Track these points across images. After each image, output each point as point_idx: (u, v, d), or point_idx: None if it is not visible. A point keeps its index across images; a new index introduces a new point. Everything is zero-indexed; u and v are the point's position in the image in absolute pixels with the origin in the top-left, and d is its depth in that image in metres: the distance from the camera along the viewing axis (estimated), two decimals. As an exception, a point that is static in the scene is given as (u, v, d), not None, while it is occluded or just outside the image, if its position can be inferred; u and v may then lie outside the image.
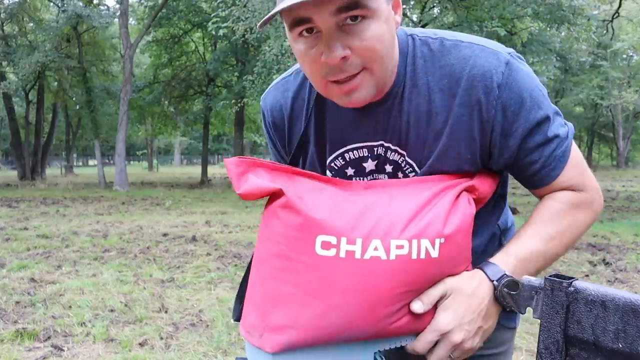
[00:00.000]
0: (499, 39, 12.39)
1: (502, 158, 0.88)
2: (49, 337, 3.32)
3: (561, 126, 0.88)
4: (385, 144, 0.91)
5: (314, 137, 0.96)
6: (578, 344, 0.56)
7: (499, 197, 1.00)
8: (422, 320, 0.81)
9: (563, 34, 14.97)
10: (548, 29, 13.61)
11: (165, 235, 7.29)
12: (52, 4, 22.25)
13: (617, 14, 16.92)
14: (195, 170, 32.12)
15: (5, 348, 3.13)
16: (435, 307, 0.82)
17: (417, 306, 0.80)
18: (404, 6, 14.04)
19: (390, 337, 0.82)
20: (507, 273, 0.82)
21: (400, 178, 0.93)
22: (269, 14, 0.76)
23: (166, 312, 3.86)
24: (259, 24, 0.80)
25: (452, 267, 0.83)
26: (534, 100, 0.84)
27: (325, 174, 0.98)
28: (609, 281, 4.68)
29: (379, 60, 0.79)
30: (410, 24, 14.78)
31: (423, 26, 12.59)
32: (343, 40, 0.76)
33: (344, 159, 0.95)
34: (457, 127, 0.85)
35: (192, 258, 5.73)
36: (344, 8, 0.74)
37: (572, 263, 5.41)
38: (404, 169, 0.92)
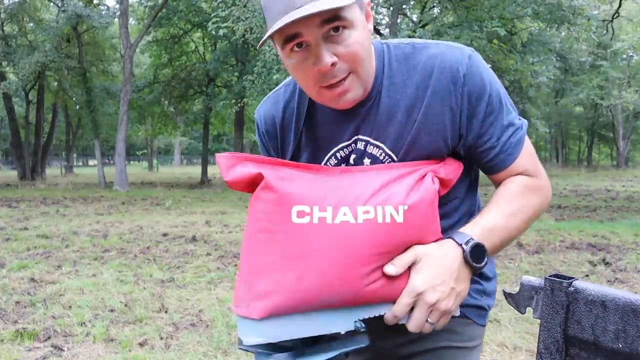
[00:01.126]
0: (499, 39, 12.40)
1: (467, 139, 0.99)
2: (49, 337, 3.32)
3: (516, 118, 1.01)
4: (366, 138, 1.01)
5: (307, 142, 1.07)
6: (578, 344, 0.56)
7: (470, 187, 1.09)
8: (397, 286, 0.88)
9: (563, 34, 14.98)
10: (548, 29, 13.61)
11: (165, 235, 7.29)
12: (52, 4, 22.26)
13: (617, 14, 16.93)
14: (195, 170, 32.13)
15: (5, 348, 3.13)
16: (409, 274, 0.89)
17: (390, 269, 0.87)
18: (404, 6, 14.04)
19: (368, 305, 0.89)
20: (473, 238, 0.90)
21: None
22: (266, 36, 0.88)
23: (166, 312, 3.86)
24: (258, 45, 0.94)
25: (420, 235, 0.91)
26: (493, 89, 0.97)
27: None
28: (609, 281, 4.68)
29: (361, 62, 0.92)
30: (411, 24, 14.79)
31: (423, 26, 12.59)
32: (330, 49, 0.89)
33: (335, 157, 1.05)
34: (429, 114, 0.97)
35: (192, 258, 5.73)
36: (326, 20, 0.86)
37: (572, 263, 5.41)
38: (383, 161, 1.00)
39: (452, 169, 1.00)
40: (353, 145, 1.02)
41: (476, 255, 0.90)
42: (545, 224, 8.16)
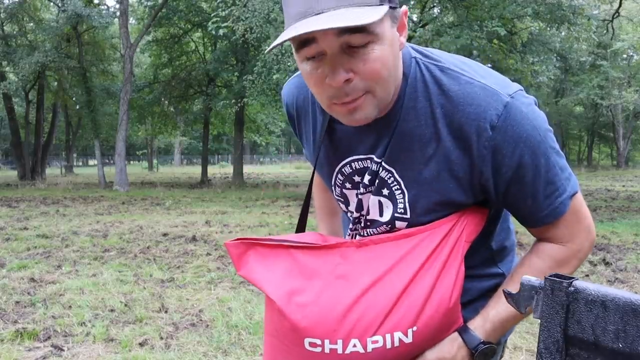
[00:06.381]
0: (499, 39, 12.40)
1: (496, 193, 0.90)
2: (49, 337, 3.32)
3: (561, 175, 0.89)
4: (379, 161, 0.95)
5: (327, 142, 1.02)
6: (578, 344, 0.56)
7: (488, 224, 1.01)
8: None
9: (563, 33, 14.97)
10: (548, 28, 13.61)
11: (165, 235, 7.29)
12: (52, 3, 22.26)
13: (617, 14, 16.92)
14: (195, 170, 32.12)
15: (5, 348, 3.13)
16: None
17: None
18: (404, 6, 14.03)
19: None
20: (483, 341, 0.92)
21: (385, 195, 0.96)
22: (276, 42, 0.78)
23: (166, 312, 3.86)
24: (266, 51, 0.92)
25: (429, 344, 0.93)
26: (529, 145, 0.85)
27: (332, 175, 1.05)
28: (609, 281, 4.68)
29: (381, 82, 0.82)
30: (410, 24, 14.78)
31: (423, 26, 12.59)
32: (346, 63, 0.79)
33: (351, 167, 1.00)
34: (445, 157, 0.88)
35: (192, 258, 5.73)
36: (348, 30, 0.76)
37: (572, 263, 5.41)
38: (391, 185, 0.95)
39: (472, 229, 0.95)
40: (368, 161, 0.97)
41: (485, 356, 0.93)
42: (545, 224, 8.16)
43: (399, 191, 0.94)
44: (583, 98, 27.11)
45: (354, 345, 0.88)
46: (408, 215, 0.94)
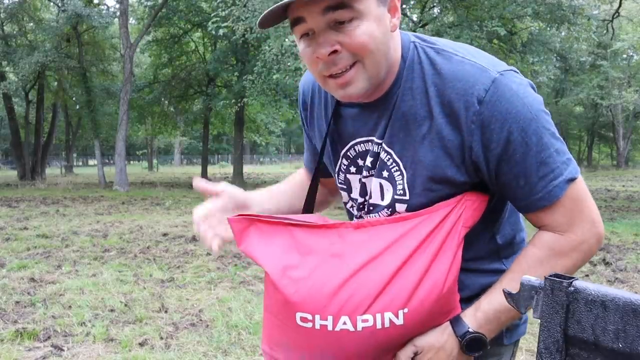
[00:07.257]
0: (499, 39, 12.40)
1: (488, 172, 0.90)
2: (49, 337, 3.32)
3: (557, 155, 0.87)
4: (379, 141, 0.98)
5: (333, 127, 1.06)
6: (578, 344, 0.56)
7: (490, 213, 0.99)
8: None
9: (563, 33, 14.98)
10: (548, 28, 13.61)
11: (165, 235, 7.29)
12: (52, 3, 22.26)
13: (617, 14, 16.92)
14: (195, 170, 32.11)
15: (5, 348, 3.13)
16: None
17: None
18: (404, 6, 14.03)
19: None
20: (470, 330, 0.91)
21: (385, 178, 0.98)
22: (268, 10, 0.85)
23: (166, 312, 3.86)
24: (258, 23, 0.91)
25: (421, 330, 0.93)
26: (518, 122, 0.85)
27: (337, 161, 1.08)
28: (609, 281, 4.68)
29: (369, 54, 0.86)
30: (410, 24, 14.79)
31: (423, 26, 12.60)
32: (333, 37, 0.85)
33: (354, 150, 1.04)
34: (438, 136, 0.90)
35: (192, 258, 5.73)
36: (330, 7, 0.83)
37: (572, 263, 5.41)
38: (390, 167, 0.97)
39: (470, 214, 0.93)
40: (369, 144, 1.00)
41: (474, 346, 0.91)
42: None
43: (398, 172, 0.96)
44: (583, 98, 27.10)
45: (344, 323, 0.88)
46: (407, 197, 0.95)
